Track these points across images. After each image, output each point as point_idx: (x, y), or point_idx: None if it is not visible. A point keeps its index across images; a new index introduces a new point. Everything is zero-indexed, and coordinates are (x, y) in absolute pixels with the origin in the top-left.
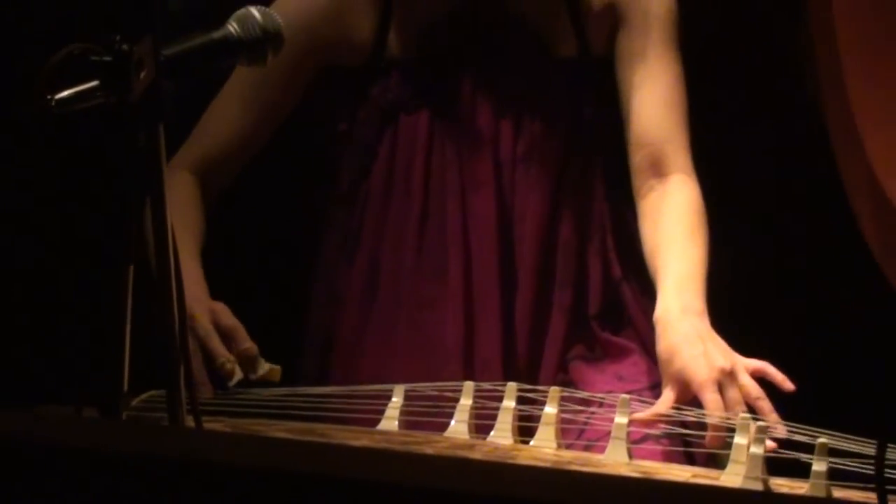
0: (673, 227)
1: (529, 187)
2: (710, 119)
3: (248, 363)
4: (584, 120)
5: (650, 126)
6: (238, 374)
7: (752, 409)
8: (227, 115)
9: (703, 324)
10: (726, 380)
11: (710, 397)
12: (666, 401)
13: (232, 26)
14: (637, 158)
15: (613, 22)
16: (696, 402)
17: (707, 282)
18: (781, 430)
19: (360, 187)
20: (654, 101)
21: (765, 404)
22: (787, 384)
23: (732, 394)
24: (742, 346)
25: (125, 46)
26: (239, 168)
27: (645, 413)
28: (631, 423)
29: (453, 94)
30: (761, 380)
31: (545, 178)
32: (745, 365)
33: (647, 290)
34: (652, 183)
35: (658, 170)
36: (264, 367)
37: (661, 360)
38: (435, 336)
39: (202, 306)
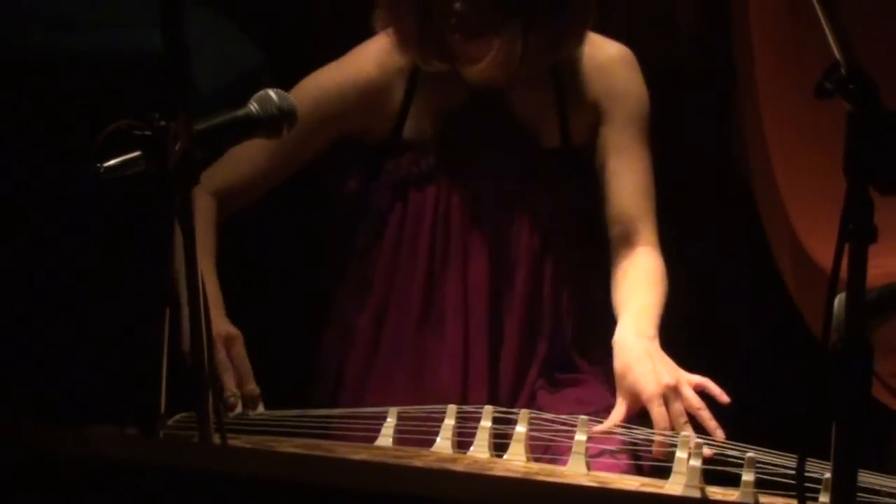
0: (636, 281)
1: (518, 258)
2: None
3: (250, 402)
4: (564, 200)
5: (625, 207)
6: (238, 409)
7: (694, 420)
8: (251, 152)
9: (654, 346)
10: (671, 393)
11: (657, 410)
12: (619, 412)
13: (253, 106)
14: (613, 232)
15: (596, 118)
16: (646, 418)
17: (661, 319)
18: (720, 435)
19: (374, 247)
20: (628, 186)
21: (705, 413)
22: (724, 397)
23: (677, 406)
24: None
25: (163, 123)
26: (255, 199)
27: (600, 426)
28: (590, 438)
29: (457, 175)
30: (702, 393)
31: (531, 250)
32: (689, 380)
33: (602, 338)
34: (624, 252)
35: (629, 242)
36: (261, 407)
37: (617, 376)
38: (431, 383)
39: (220, 330)
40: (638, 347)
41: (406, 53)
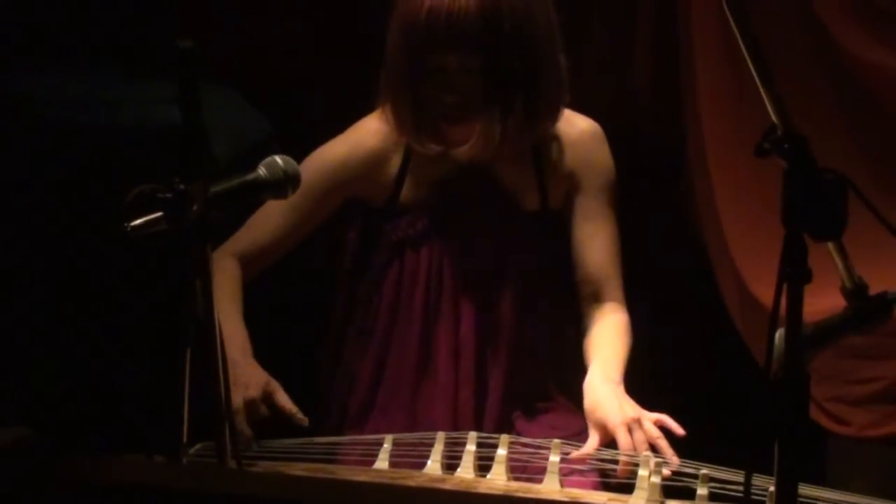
0: (604, 333)
1: (503, 311)
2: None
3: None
4: (543, 257)
5: (594, 269)
6: (254, 445)
7: (654, 448)
8: (269, 220)
9: (619, 389)
10: (634, 425)
11: (623, 437)
12: (592, 443)
13: (261, 170)
14: (584, 291)
15: (571, 186)
16: (613, 446)
17: (626, 367)
18: (675, 461)
19: (374, 299)
20: (598, 250)
21: (663, 443)
22: (679, 430)
23: (639, 435)
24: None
25: (182, 186)
26: (275, 260)
27: (577, 453)
28: (567, 461)
29: (448, 237)
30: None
31: (515, 303)
32: (649, 416)
33: (573, 373)
34: (594, 309)
35: (598, 300)
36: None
37: (587, 412)
38: (425, 420)
39: (260, 379)
40: (605, 389)
41: (403, 137)
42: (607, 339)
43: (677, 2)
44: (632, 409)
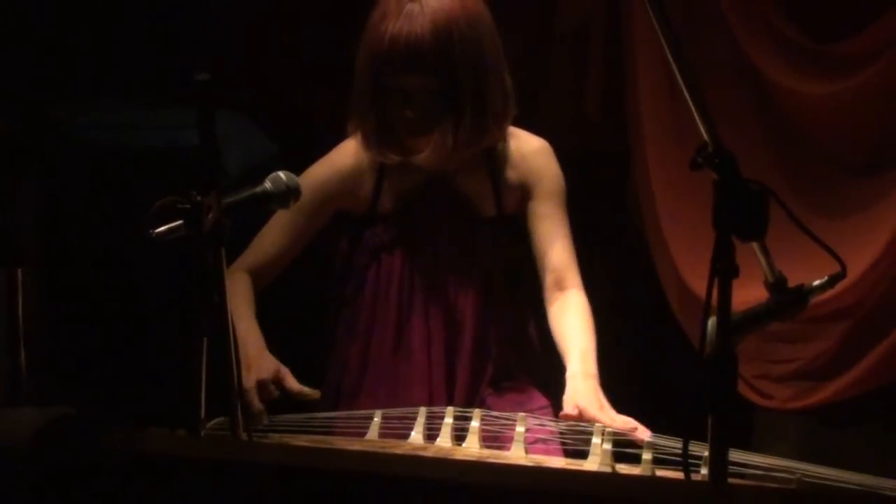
0: (572, 321)
1: (467, 304)
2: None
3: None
4: (501, 257)
5: (554, 260)
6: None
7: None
8: (272, 237)
9: (596, 383)
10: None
11: (592, 416)
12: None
13: (267, 184)
14: (548, 280)
15: (524, 193)
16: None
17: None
18: (647, 434)
19: (358, 296)
20: (556, 243)
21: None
22: (644, 437)
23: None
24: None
25: (199, 198)
26: (280, 271)
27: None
28: (528, 430)
29: (417, 241)
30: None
31: (477, 296)
32: (615, 421)
33: (534, 358)
34: (557, 295)
35: (561, 286)
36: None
37: (566, 401)
38: (405, 398)
39: (270, 366)
40: (586, 385)
41: (369, 149)
42: (578, 329)
43: (625, 42)
44: (606, 402)
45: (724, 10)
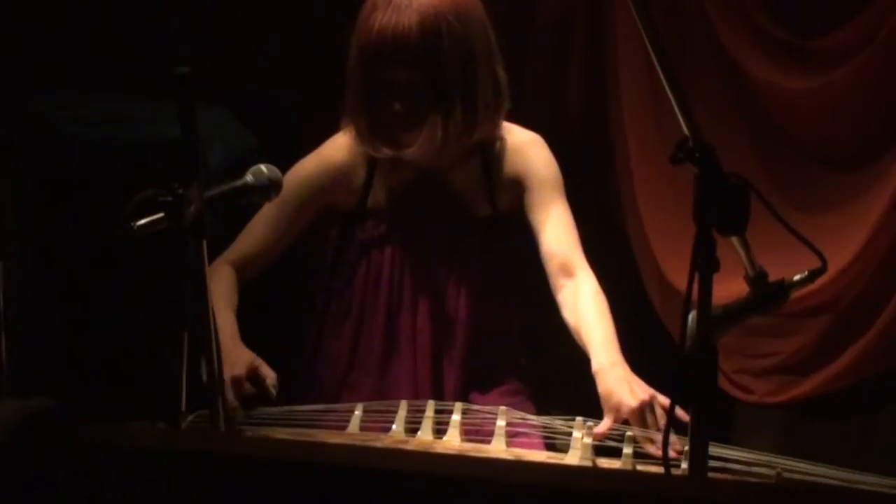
0: (586, 310)
1: (456, 303)
2: None
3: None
4: (492, 258)
5: (557, 244)
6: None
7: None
8: (258, 231)
9: (626, 370)
10: (647, 407)
11: (637, 423)
12: (606, 423)
13: (249, 177)
14: (551, 267)
15: (520, 188)
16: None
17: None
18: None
19: (347, 290)
20: (557, 228)
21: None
22: (685, 417)
23: (651, 418)
24: None
25: (180, 191)
26: (267, 264)
27: (597, 429)
28: (509, 423)
29: (407, 238)
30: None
31: (466, 296)
32: (659, 396)
33: (515, 355)
34: (564, 281)
35: (567, 271)
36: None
37: (603, 398)
38: (391, 394)
39: (246, 359)
40: (615, 374)
41: (361, 143)
42: (595, 316)
43: (606, 38)
44: (642, 390)
45: (705, 5)
